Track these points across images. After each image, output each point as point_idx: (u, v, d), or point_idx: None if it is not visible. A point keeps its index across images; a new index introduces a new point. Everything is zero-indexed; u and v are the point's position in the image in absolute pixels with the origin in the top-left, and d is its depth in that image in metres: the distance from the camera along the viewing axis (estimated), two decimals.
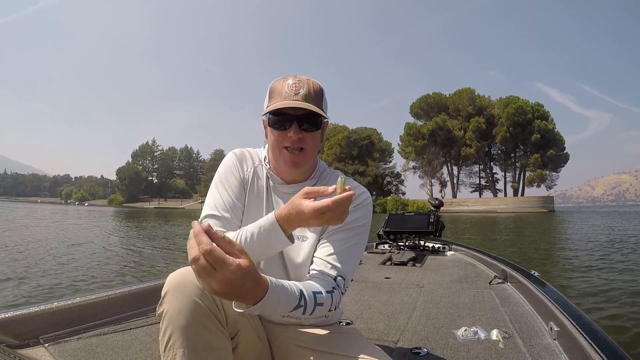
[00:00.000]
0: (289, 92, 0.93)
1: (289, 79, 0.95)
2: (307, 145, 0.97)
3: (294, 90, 0.93)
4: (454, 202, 54.33)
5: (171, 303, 0.79)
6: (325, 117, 0.98)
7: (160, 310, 0.81)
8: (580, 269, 6.32)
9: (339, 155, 58.07)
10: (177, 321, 0.77)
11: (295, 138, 0.94)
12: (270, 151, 1.02)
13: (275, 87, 0.96)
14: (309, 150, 0.98)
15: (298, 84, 0.94)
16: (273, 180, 1.05)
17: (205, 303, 0.80)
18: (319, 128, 0.99)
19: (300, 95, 0.93)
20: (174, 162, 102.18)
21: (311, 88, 0.95)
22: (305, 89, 0.94)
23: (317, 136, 0.99)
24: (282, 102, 0.92)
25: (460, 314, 1.91)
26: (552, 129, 53.03)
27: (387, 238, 4.29)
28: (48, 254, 7.55)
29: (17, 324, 1.38)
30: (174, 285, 0.80)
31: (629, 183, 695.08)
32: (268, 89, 0.99)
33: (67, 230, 13.64)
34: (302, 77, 0.96)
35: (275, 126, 0.96)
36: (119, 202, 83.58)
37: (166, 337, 0.78)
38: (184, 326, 0.77)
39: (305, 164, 1.00)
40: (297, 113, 0.94)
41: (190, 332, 0.77)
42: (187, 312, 0.77)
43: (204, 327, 0.79)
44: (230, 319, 0.86)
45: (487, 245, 10.10)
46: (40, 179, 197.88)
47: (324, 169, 1.10)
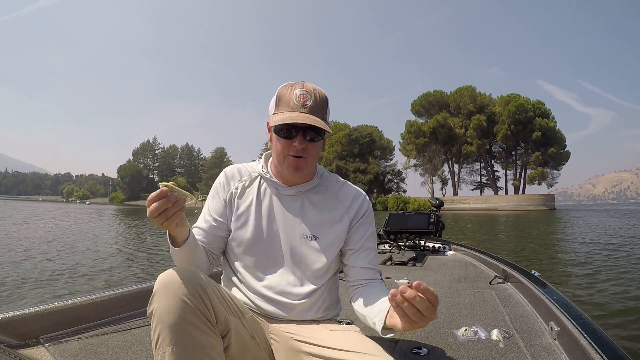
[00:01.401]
0: (296, 103, 0.98)
1: (296, 89, 0.99)
2: (310, 154, 1.03)
3: (302, 102, 0.98)
4: (455, 200, 54.30)
5: (160, 302, 0.81)
6: (330, 131, 1.03)
7: (150, 309, 0.83)
8: (580, 268, 6.32)
9: (340, 153, 58.02)
10: (166, 320, 0.79)
11: (300, 148, 1.00)
12: (274, 156, 1.08)
13: (283, 96, 1.01)
14: (310, 158, 1.04)
15: (305, 95, 0.99)
16: (276, 185, 1.10)
17: (193, 302, 0.82)
18: (322, 138, 1.04)
19: (307, 107, 0.98)
20: (175, 160, 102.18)
21: (317, 99, 1.00)
22: (312, 100, 0.99)
23: (319, 145, 1.06)
24: (290, 116, 0.97)
25: (460, 313, 1.91)
26: (553, 126, 52.91)
27: (387, 238, 4.28)
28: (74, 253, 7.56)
29: (17, 324, 1.38)
30: (163, 285, 0.83)
31: (630, 181, 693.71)
32: (276, 94, 1.03)
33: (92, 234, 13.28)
34: (309, 87, 1.01)
35: (282, 135, 1.00)
36: (121, 200, 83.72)
37: (156, 335, 0.80)
38: (172, 324, 0.79)
39: (306, 169, 1.05)
40: (303, 125, 0.98)
41: (179, 330, 0.79)
42: (175, 311, 0.80)
43: (192, 325, 0.81)
44: (220, 317, 0.88)
45: (487, 244, 10.10)
46: (42, 177, 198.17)
47: (322, 172, 1.16)
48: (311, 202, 1.10)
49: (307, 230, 1.08)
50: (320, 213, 1.10)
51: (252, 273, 1.09)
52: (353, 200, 1.13)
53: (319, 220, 1.09)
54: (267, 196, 1.11)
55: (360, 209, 1.13)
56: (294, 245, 1.08)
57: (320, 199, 1.11)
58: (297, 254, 1.08)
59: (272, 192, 1.11)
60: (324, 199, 1.12)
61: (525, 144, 54.17)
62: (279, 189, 1.10)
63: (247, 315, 1.01)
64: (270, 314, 1.07)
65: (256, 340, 1.01)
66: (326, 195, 1.12)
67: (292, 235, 1.08)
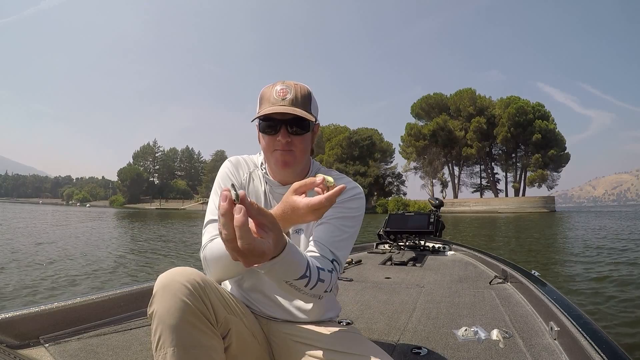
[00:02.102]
0: (276, 98, 0.97)
1: (277, 85, 0.99)
2: (296, 147, 1.01)
3: (281, 96, 0.97)
4: (455, 202, 54.28)
5: (160, 303, 0.80)
6: (312, 119, 1.00)
7: (150, 310, 0.82)
8: (580, 268, 6.31)
9: (340, 155, 58.07)
10: (166, 320, 0.79)
11: (284, 141, 0.98)
12: (263, 155, 1.07)
13: (264, 94, 1.00)
14: (297, 152, 1.01)
15: (285, 90, 0.98)
16: (270, 183, 1.09)
17: (194, 302, 0.81)
18: (307, 131, 1.02)
19: (287, 100, 0.97)
20: (175, 163, 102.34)
21: (298, 93, 0.99)
22: (292, 93, 0.98)
23: (306, 139, 1.03)
24: (269, 108, 0.96)
25: (460, 313, 1.91)
26: (553, 129, 52.96)
27: (387, 238, 4.29)
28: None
29: (17, 324, 1.39)
30: (162, 286, 0.82)
31: (630, 183, 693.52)
32: (259, 95, 1.03)
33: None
34: (289, 83, 1.00)
35: (266, 131, 1.00)
36: (121, 203, 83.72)
37: (157, 336, 0.80)
38: (173, 325, 0.79)
39: (295, 165, 1.03)
40: (285, 118, 0.97)
41: (179, 331, 0.79)
42: (175, 312, 0.79)
43: (193, 325, 0.81)
44: (220, 318, 0.88)
45: (487, 245, 10.08)
46: (42, 180, 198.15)
47: (318, 169, 1.13)
48: None
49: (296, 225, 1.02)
50: None
51: (248, 272, 1.06)
52: (343, 194, 0.99)
53: None
54: (264, 193, 1.11)
55: (346, 202, 1.01)
56: None
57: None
58: None
59: (267, 190, 1.11)
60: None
61: (525, 146, 54.20)
62: (272, 187, 1.09)
63: (248, 315, 1.00)
64: (270, 316, 1.07)
65: (257, 340, 1.00)
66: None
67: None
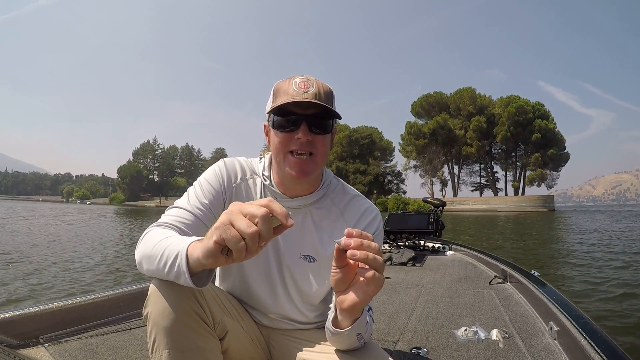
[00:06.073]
0: (297, 90, 0.83)
1: (296, 78, 0.85)
2: (318, 150, 0.86)
3: (303, 89, 0.83)
4: (455, 201, 54.27)
5: (154, 305, 0.77)
6: (338, 117, 0.88)
7: (145, 312, 0.80)
8: (580, 268, 6.31)
9: (340, 154, 58.03)
10: (161, 323, 0.76)
11: (305, 140, 0.83)
12: (273, 158, 0.92)
13: (280, 87, 0.86)
14: (318, 156, 0.87)
15: (307, 83, 0.84)
16: (271, 194, 0.95)
17: (189, 304, 0.79)
18: (330, 131, 0.88)
19: (310, 93, 0.82)
20: (175, 161, 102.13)
21: (321, 87, 0.85)
22: (315, 88, 0.84)
23: (327, 140, 0.88)
24: (291, 98, 0.81)
25: (460, 313, 1.91)
26: (553, 128, 53.01)
27: (387, 238, 4.29)
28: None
29: (17, 324, 1.39)
30: (157, 287, 0.79)
31: (630, 182, 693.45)
32: (272, 90, 0.88)
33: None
34: (310, 77, 0.86)
35: (282, 127, 0.84)
36: (121, 201, 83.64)
37: (152, 338, 0.77)
38: (168, 327, 0.76)
39: (313, 173, 0.88)
40: (307, 112, 0.83)
41: (175, 333, 0.76)
42: (170, 314, 0.76)
43: (189, 327, 0.78)
44: (217, 319, 0.86)
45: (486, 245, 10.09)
46: (42, 177, 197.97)
47: (330, 180, 0.99)
48: (313, 219, 0.96)
49: (305, 250, 0.95)
50: (321, 232, 0.96)
51: (245, 286, 0.99)
52: (360, 218, 0.95)
53: (319, 239, 0.95)
54: None
55: (368, 228, 0.94)
56: (290, 264, 0.96)
57: (323, 215, 0.96)
58: (293, 275, 0.96)
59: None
60: (327, 215, 0.96)
61: (525, 146, 54.23)
62: (278, 199, 0.93)
63: (246, 318, 0.98)
64: (269, 324, 1.02)
65: (255, 342, 0.98)
66: (330, 211, 0.97)
67: (289, 253, 0.96)
